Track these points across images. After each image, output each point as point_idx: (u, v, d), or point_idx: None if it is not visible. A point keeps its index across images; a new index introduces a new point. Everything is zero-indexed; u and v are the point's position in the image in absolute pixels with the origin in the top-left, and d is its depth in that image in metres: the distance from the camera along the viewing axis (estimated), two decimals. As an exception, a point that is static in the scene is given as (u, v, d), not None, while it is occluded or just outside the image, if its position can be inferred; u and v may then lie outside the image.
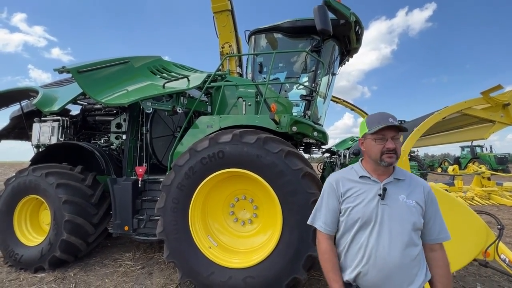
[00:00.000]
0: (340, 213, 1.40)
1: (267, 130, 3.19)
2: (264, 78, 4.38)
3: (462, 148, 23.61)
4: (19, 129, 5.31)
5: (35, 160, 4.27)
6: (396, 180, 1.34)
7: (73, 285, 3.24)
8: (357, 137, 15.21)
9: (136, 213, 3.70)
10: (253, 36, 4.52)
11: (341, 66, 4.91)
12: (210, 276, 2.87)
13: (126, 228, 3.66)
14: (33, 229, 3.97)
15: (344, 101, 15.74)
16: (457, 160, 22.67)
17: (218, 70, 4.17)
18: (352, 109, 16.29)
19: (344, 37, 4.21)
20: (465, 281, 3.39)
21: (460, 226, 2.20)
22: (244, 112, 3.72)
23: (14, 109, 4.95)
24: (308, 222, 1.58)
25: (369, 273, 1.24)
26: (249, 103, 3.76)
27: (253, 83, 3.94)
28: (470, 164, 13.43)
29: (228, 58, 4.93)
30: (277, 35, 4.36)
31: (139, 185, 3.71)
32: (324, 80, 4.39)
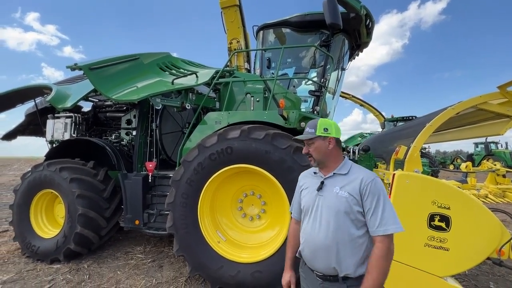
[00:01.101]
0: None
1: (276, 126, 3.18)
2: (272, 73, 4.35)
3: (476, 144, 22.91)
4: (34, 126, 5.47)
5: (49, 156, 4.40)
6: (337, 175, 1.48)
7: (87, 276, 3.35)
8: (366, 134, 14.97)
9: (146, 208, 3.77)
10: (261, 31, 4.49)
11: (351, 61, 4.82)
12: (219, 270, 2.91)
13: (137, 222, 3.75)
14: (49, 222, 4.11)
15: (353, 96, 15.54)
16: (470, 157, 22.04)
17: (226, 66, 4.17)
18: (361, 105, 16.06)
19: (354, 31, 4.13)
20: (477, 280, 3.33)
21: (474, 224, 2.15)
22: (252, 108, 3.72)
23: (29, 106, 5.08)
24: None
25: (305, 251, 1.50)
26: (257, 99, 3.75)
27: (261, 78, 3.93)
28: (484, 161, 13.06)
29: (236, 54, 4.91)
30: (286, 30, 4.32)
31: (149, 180, 3.77)
32: (333, 75, 4.33)
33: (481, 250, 2.18)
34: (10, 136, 5.62)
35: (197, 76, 3.80)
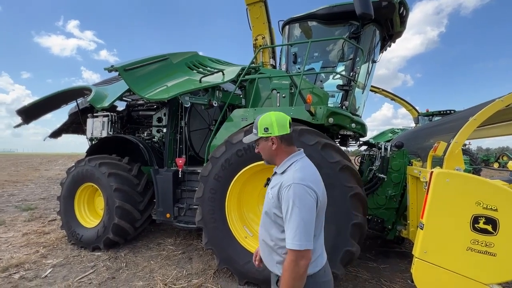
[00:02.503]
0: None
1: (302, 122, 3.13)
2: (299, 69, 4.27)
3: (526, 140, 20.63)
4: (76, 124, 5.95)
5: (90, 152, 4.76)
6: (276, 174, 1.44)
7: (124, 264, 3.60)
8: (398, 129, 14.14)
9: (176, 202, 3.94)
10: (287, 26, 4.41)
11: (382, 52, 4.57)
12: (246, 265, 2.95)
13: (167, 215, 3.93)
14: (90, 213, 4.47)
15: (383, 90, 14.75)
16: (518, 154, 19.92)
17: (252, 62, 4.17)
18: (392, 99, 15.20)
19: (387, 20, 3.90)
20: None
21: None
22: (278, 104, 3.69)
23: (72, 106, 5.53)
24: None
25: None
26: (283, 95, 3.72)
27: (287, 74, 3.87)
28: (536, 158, 11.74)
29: (261, 50, 4.89)
30: (312, 23, 4.20)
31: (179, 176, 3.93)
32: (363, 68, 4.14)
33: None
34: (56, 134, 6.17)
35: (223, 74, 3.86)
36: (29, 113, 5.03)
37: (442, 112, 12.21)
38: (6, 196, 8.68)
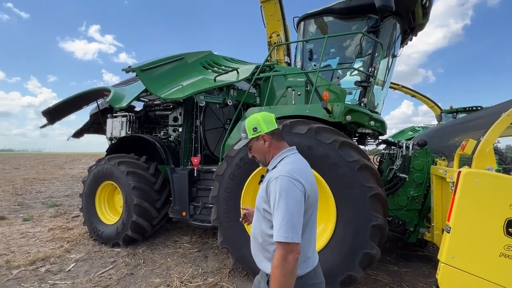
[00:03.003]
0: None
1: (319, 120, 3.05)
2: (314, 65, 4.17)
3: (562, 138, 19.13)
4: (96, 124, 6.16)
5: (109, 151, 4.92)
6: (268, 172, 1.40)
7: (142, 260, 3.68)
8: (419, 127, 13.55)
9: (192, 200, 3.97)
10: (302, 22, 4.31)
11: (403, 46, 4.37)
12: (261, 265, 2.92)
13: (183, 213, 3.98)
14: (110, 210, 4.61)
15: (403, 87, 14.17)
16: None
17: (266, 60, 4.12)
18: (413, 96, 14.60)
19: (408, 12, 3.71)
20: None
21: None
22: (293, 102, 3.62)
23: (93, 107, 5.73)
24: None
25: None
26: (299, 93, 3.64)
27: (303, 71, 3.79)
28: None
29: (276, 47, 4.83)
30: (328, 19, 4.08)
31: (195, 175, 3.96)
32: (383, 63, 3.97)
33: None
34: (78, 134, 6.43)
35: (238, 72, 3.84)
36: (54, 114, 5.28)
37: (467, 108, 11.54)
38: (34, 193, 9.20)
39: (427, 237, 3.33)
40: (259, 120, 1.41)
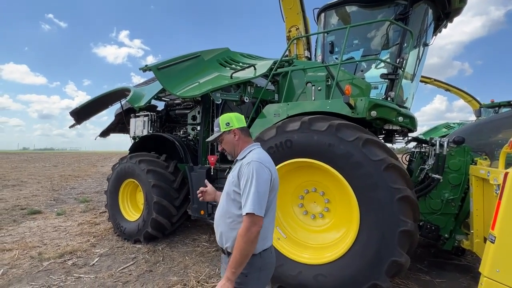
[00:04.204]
0: None
1: (341, 116, 2.84)
2: (336, 59, 3.94)
3: None
4: (121, 124, 6.40)
5: (132, 149, 5.05)
6: (237, 161, 1.61)
7: (161, 258, 3.73)
8: (454, 124, 12.50)
9: (210, 199, 3.94)
10: (323, 14, 4.09)
11: (436, 34, 3.98)
12: (279, 268, 2.79)
13: (202, 212, 3.96)
14: (132, 207, 4.74)
15: (435, 80, 13.17)
16: None
17: (285, 55, 3.97)
18: (447, 90, 13.54)
19: (442, -5, 3.36)
20: None
21: None
22: (313, 98, 3.43)
23: (117, 107, 5.95)
24: None
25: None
26: (319, 88, 3.44)
27: (323, 65, 3.58)
28: None
29: (295, 41, 4.64)
30: (351, 8, 3.82)
31: (211, 173, 3.92)
32: (412, 54, 3.62)
33: None
34: (104, 133, 6.73)
35: (255, 69, 3.73)
36: (80, 115, 5.55)
37: (511, 102, 10.42)
38: (69, 189, 9.85)
39: (465, 245, 3.00)
40: (231, 117, 1.65)
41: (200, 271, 3.31)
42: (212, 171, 3.91)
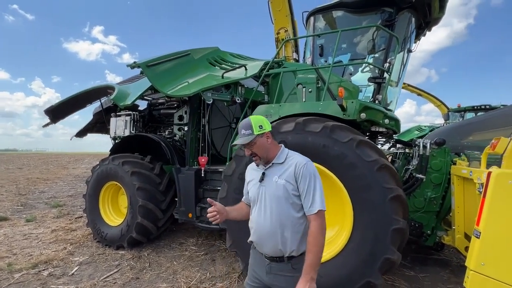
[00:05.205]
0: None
1: (332, 118, 2.90)
2: (325, 61, 4.02)
3: None
4: (100, 124, 6.06)
5: (113, 150, 4.79)
6: (275, 165, 1.59)
7: (147, 264, 3.56)
8: (425, 126, 13.34)
9: (198, 201, 3.84)
10: (312, 17, 4.17)
11: (417, 42, 4.20)
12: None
13: (189, 215, 3.84)
14: (114, 211, 4.49)
15: (409, 85, 13.96)
16: None
17: (275, 57, 3.98)
18: (419, 95, 14.40)
19: (424, 5, 3.55)
20: None
21: None
22: (304, 100, 3.47)
23: (96, 105, 5.62)
24: None
25: (254, 237, 1.60)
26: (310, 90, 3.50)
27: (314, 67, 3.64)
28: None
29: (284, 44, 4.67)
30: (340, 13, 3.93)
31: (202, 175, 3.82)
32: (397, 60, 3.80)
33: None
34: (81, 133, 6.33)
35: (246, 69, 3.70)
36: (56, 113, 5.17)
37: (476, 107, 11.32)
38: (38, 193, 9.13)
39: (446, 240, 3.18)
40: (262, 120, 1.60)
41: (190, 276, 3.21)
42: (202, 172, 3.82)
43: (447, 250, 3.99)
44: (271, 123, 3.00)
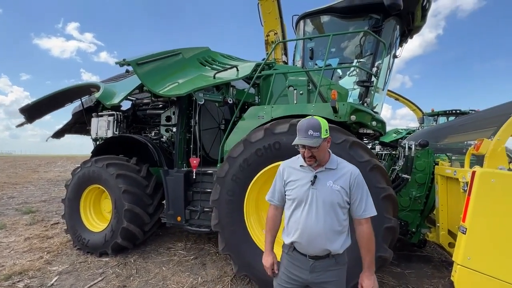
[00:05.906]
0: (285, 193, 1.73)
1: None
2: (315, 64, 4.10)
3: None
4: (79, 124, 5.73)
5: (95, 152, 4.55)
6: (328, 170, 1.64)
7: (135, 270, 3.40)
8: (401, 129, 14.04)
9: (188, 204, 3.74)
10: (302, 21, 4.24)
11: (401, 48, 4.41)
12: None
13: (178, 218, 3.73)
14: (96, 216, 4.26)
15: (388, 90, 14.57)
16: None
17: (267, 58, 4.00)
18: (396, 99, 15.09)
19: (408, 14, 3.74)
20: None
21: None
22: (295, 102, 3.51)
23: (76, 105, 5.32)
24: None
25: (300, 238, 1.61)
26: (301, 92, 3.54)
27: (306, 70, 3.70)
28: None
29: (274, 46, 4.71)
30: (329, 18, 4.03)
31: (194, 177, 3.73)
32: (385, 64, 3.96)
33: None
34: (58, 134, 5.95)
35: (237, 70, 3.68)
36: (33, 112, 4.83)
37: (448, 112, 12.09)
38: (6, 199, 8.44)
39: (430, 237, 3.33)
40: (326, 123, 1.61)
41: (181, 282, 3.11)
42: (193, 174, 3.72)
43: (429, 247, 4.19)
44: (262, 124, 3.06)
